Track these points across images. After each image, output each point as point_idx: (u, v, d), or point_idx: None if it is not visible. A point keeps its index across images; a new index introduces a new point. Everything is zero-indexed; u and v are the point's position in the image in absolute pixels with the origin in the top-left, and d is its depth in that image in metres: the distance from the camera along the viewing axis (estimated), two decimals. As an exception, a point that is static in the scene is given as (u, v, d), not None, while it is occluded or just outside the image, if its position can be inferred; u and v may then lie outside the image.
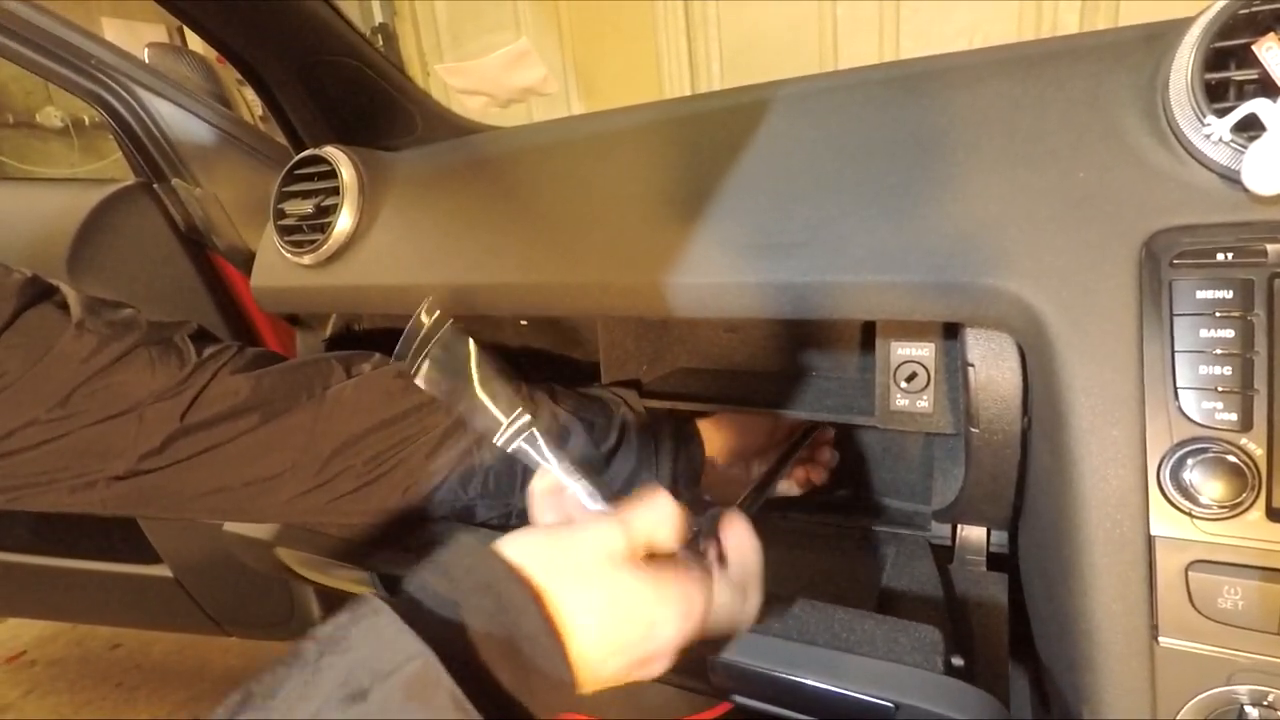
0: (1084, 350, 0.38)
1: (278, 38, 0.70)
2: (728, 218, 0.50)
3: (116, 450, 0.46)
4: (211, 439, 0.49)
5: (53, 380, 0.44)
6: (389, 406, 0.54)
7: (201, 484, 0.50)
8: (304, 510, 0.53)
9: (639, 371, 0.71)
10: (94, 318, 0.46)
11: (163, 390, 0.47)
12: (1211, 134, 0.36)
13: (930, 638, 0.45)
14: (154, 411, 0.47)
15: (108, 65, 0.79)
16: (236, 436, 0.49)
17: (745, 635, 0.46)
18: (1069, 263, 0.39)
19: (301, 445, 0.51)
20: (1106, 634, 0.37)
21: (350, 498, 0.53)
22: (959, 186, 0.43)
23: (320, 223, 0.68)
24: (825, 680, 0.44)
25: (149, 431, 0.47)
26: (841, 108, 0.50)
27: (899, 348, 0.56)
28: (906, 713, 0.42)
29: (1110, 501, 0.37)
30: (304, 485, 0.52)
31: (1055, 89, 0.43)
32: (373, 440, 0.53)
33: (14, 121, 2.43)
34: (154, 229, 0.84)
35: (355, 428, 0.53)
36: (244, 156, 0.89)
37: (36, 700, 1.50)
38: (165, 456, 0.47)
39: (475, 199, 0.64)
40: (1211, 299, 0.35)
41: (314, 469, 0.52)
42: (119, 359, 0.46)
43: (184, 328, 0.52)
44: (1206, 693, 0.35)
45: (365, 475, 0.53)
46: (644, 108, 0.61)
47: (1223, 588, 0.34)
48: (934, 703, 0.41)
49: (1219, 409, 0.34)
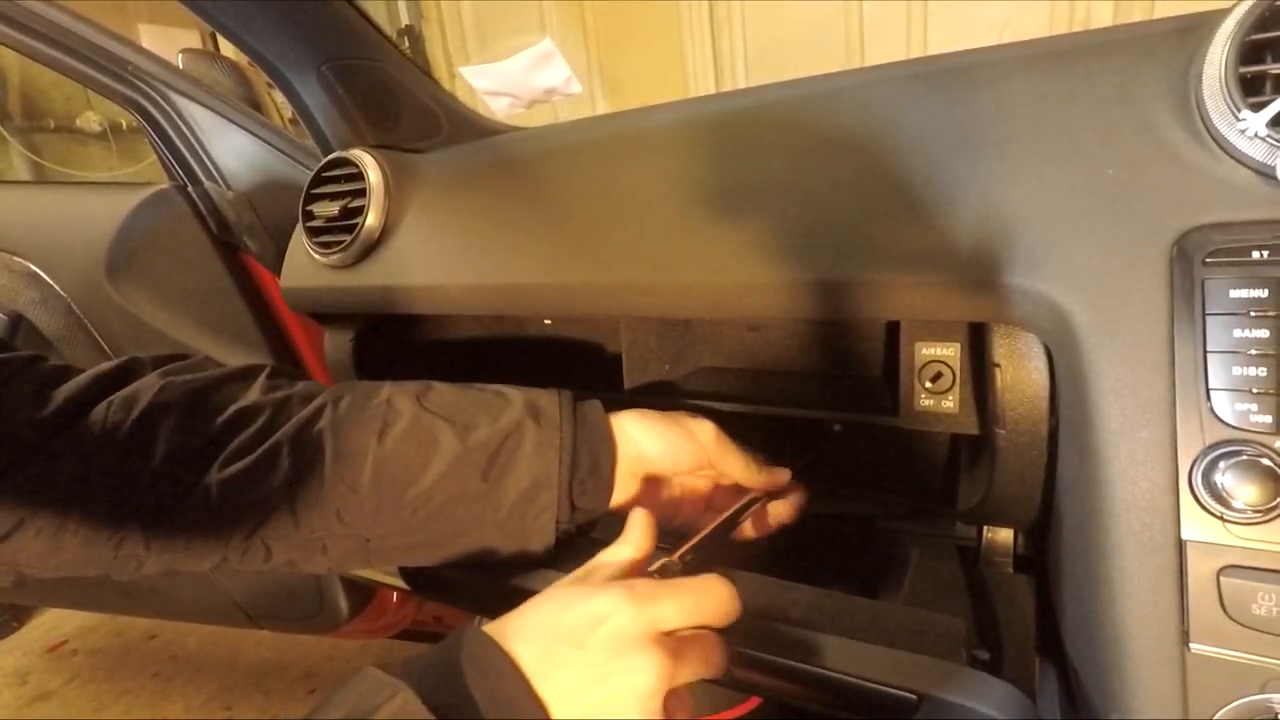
0: (1113, 350, 0.37)
1: (305, 41, 0.71)
2: (752, 217, 0.50)
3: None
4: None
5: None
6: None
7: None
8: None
9: (661, 371, 0.71)
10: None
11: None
12: (1247, 129, 0.35)
13: (954, 630, 0.44)
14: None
15: (144, 71, 0.81)
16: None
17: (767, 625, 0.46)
18: (1098, 261, 0.38)
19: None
20: (1136, 639, 0.36)
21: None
22: (986, 184, 0.43)
23: (348, 224, 0.69)
24: (846, 670, 0.44)
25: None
26: (867, 105, 0.50)
27: (924, 347, 0.55)
28: (929, 704, 0.41)
29: (1140, 504, 0.36)
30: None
31: (1084, 84, 0.42)
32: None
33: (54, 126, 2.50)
34: (188, 231, 0.86)
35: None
36: (274, 159, 0.90)
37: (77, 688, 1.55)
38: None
39: (500, 200, 0.65)
40: (1246, 298, 0.34)
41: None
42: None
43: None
44: (1239, 701, 0.34)
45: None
46: (669, 107, 0.61)
47: (1257, 594, 0.33)
48: (957, 695, 0.40)
49: (1253, 411, 0.34)
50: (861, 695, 0.43)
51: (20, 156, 2.42)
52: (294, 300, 0.77)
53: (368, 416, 0.51)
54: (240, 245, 0.88)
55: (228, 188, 0.86)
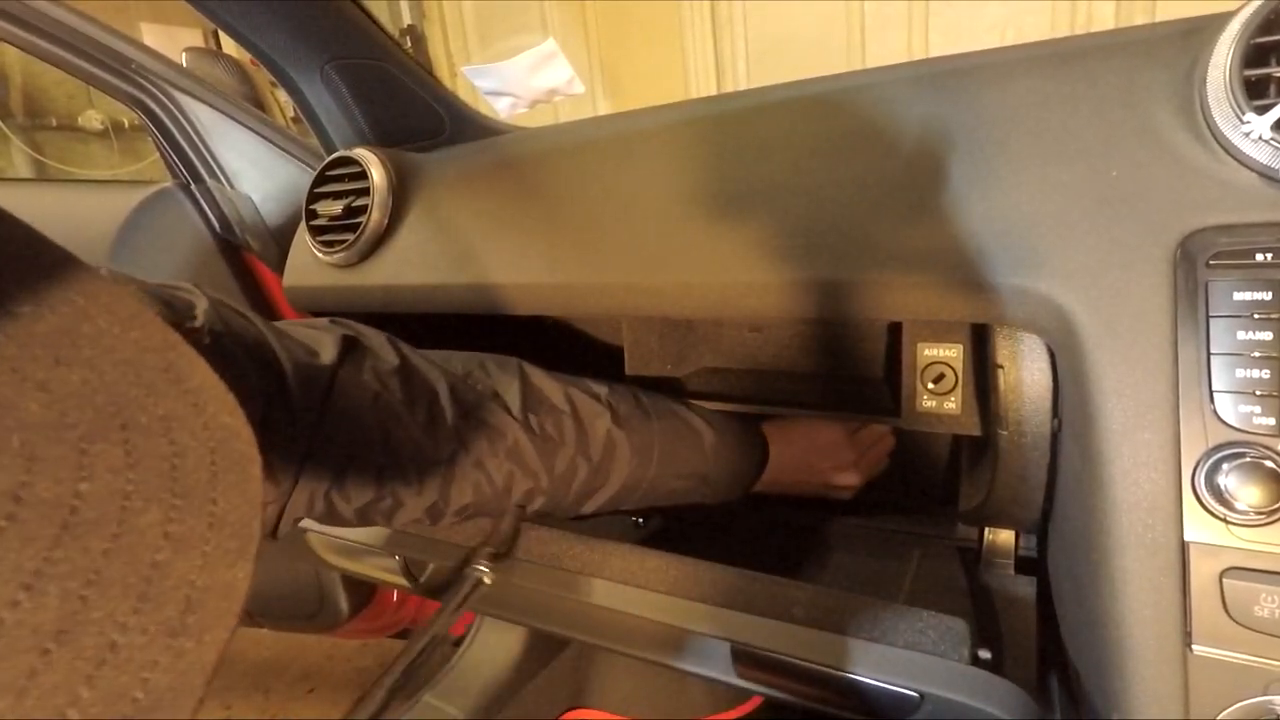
0: (1116, 352, 0.37)
1: (308, 40, 0.71)
2: (754, 217, 0.50)
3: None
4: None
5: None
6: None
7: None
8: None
9: (664, 371, 0.71)
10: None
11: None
12: (1251, 132, 0.35)
13: (957, 630, 0.44)
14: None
15: (146, 70, 0.81)
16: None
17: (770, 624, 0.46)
18: (1101, 263, 0.38)
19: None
20: (1138, 640, 0.36)
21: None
22: (988, 185, 0.43)
23: (351, 223, 0.69)
24: (850, 669, 0.44)
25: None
26: (869, 106, 0.50)
27: (926, 348, 0.55)
28: (932, 703, 0.41)
29: (1142, 506, 0.36)
30: None
31: (1087, 86, 0.42)
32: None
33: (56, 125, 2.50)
34: (191, 229, 0.86)
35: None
36: (277, 158, 0.90)
37: (75, 687, 1.54)
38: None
39: (502, 199, 0.65)
40: (1249, 300, 0.34)
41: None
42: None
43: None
44: (1242, 702, 0.34)
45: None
46: (670, 108, 0.61)
47: (1259, 595, 0.33)
48: (960, 693, 0.41)
49: (1256, 413, 0.34)
50: (864, 694, 0.43)
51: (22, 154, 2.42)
52: (297, 299, 0.77)
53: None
54: (243, 244, 0.88)
55: (231, 186, 0.86)
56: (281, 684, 1.44)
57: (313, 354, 0.45)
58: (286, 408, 0.41)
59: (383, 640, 1.45)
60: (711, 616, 0.51)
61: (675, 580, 0.55)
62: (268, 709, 1.39)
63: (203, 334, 0.39)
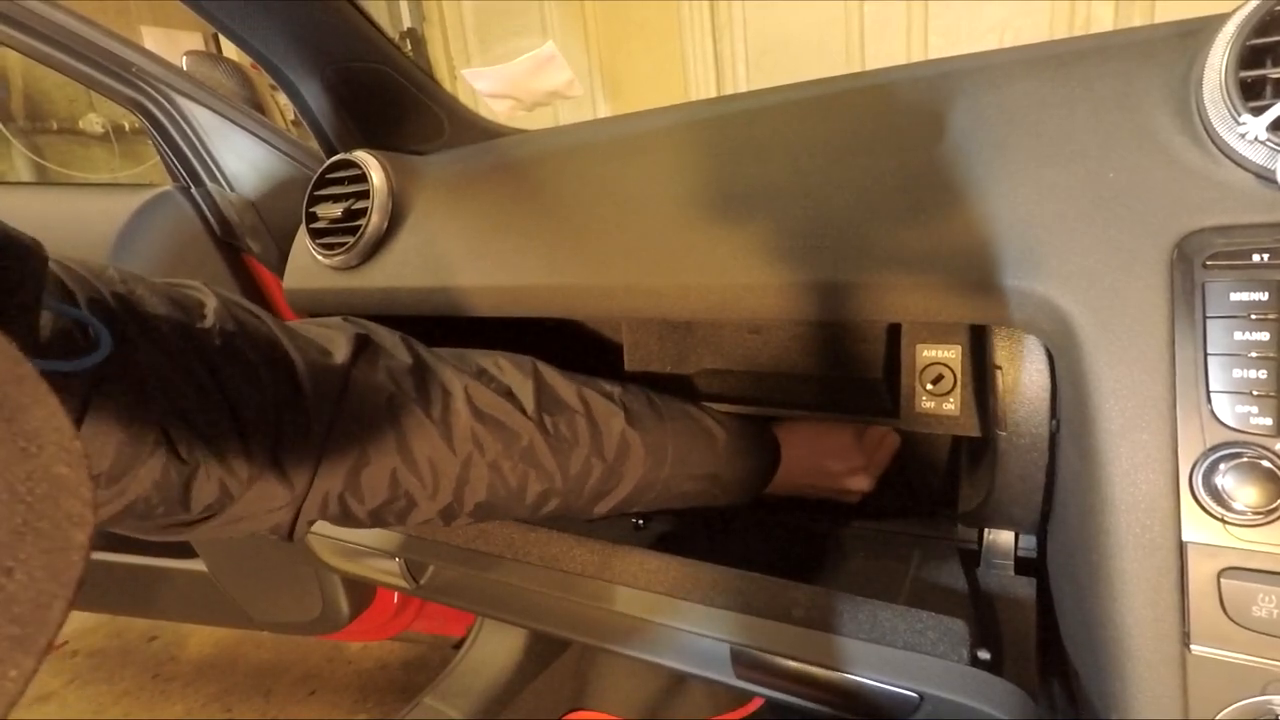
0: (1114, 353, 0.37)
1: (308, 44, 0.71)
2: (753, 220, 0.50)
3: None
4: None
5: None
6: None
7: None
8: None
9: (664, 373, 0.71)
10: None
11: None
12: (1247, 133, 0.35)
13: (957, 630, 0.44)
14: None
15: (147, 73, 0.81)
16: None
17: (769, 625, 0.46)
18: (1098, 264, 0.38)
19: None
20: (1137, 640, 0.36)
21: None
22: (986, 187, 0.43)
23: (351, 226, 0.69)
24: (849, 670, 0.44)
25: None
26: (868, 108, 0.50)
27: (925, 350, 0.55)
28: (931, 703, 0.41)
29: (1140, 506, 0.36)
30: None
31: (1084, 88, 0.42)
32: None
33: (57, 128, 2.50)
34: (191, 232, 0.86)
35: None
36: (277, 161, 0.90)
37: (77, 690, 1.54)
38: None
39: (502, 202, 0.65)
40: (1246, 301, 0.34)
41: None
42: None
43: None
44: (1240, 702, 0.35)
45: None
46: (669, 110, 0.61)
47: (1257, 595, 0.34)
48: (960, 694, 0.41)
49: (1254, 413, 0.34)
50: (864, 694, 0.43)
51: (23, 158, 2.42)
52: (297, 301, 0.77)
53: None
54: (243, 247, 0.88)
55: (231, 189, 0.86)
56: (282, 686, 1.44)
57: (326, 353, 0.45)
58: (300, 408, 0.41)
59: (384, 642, 1.45)
60: (711, 618, 0.51)
61: (675, 582, 0.55)
62: (268, 711, 1.39)
63: (213, 334, 0.39)
